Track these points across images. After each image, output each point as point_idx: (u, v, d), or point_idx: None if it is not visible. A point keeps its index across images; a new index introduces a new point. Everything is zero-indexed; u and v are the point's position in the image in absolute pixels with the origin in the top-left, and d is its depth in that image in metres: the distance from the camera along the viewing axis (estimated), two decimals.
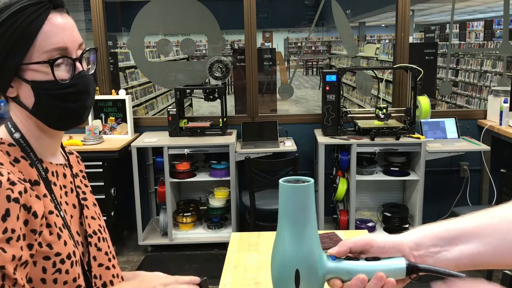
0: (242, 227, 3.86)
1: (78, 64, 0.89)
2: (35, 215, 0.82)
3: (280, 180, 0.72)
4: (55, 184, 0.92)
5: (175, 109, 3.70)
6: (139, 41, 4.01)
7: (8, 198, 0.77)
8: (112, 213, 3.61)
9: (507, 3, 3.96)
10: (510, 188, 3.03)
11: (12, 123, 0.89)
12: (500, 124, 3.64)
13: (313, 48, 23.42)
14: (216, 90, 3.73)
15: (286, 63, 20.14)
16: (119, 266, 1.09)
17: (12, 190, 0.78)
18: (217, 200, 3.80)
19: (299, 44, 24.36)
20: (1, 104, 3.67)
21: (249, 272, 1.64)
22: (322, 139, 3.55)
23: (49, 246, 0.85)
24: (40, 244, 0.83)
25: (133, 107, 5.51)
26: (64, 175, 0.97)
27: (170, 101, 7.33)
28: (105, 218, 3.52)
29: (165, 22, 4.04)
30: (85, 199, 1.02)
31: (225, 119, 3.79)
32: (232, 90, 7.66)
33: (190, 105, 7.04)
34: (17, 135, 0.88)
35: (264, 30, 21.51)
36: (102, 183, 3.51)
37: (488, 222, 0.72)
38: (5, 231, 0.76)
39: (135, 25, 3.97)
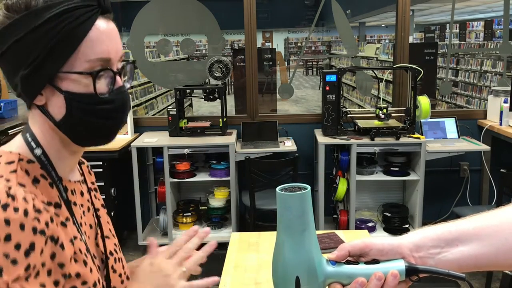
0: (242, 227, 3.86)
1: (118, 78, 0.81)
2: (62, 246, 0.74)
3: (277, 189, 0.72)
4: (75, 204, 0.84)
5: (175, 109, 3.70)
6: (139, 41, 4.01)
7: (34, 230, 0.69)
8: (112, 213, 3.61)
9: (507, 3, 3.95)
10: (510, 188, 3.03)
11: (32, 135, 0.79)
12: (500, 124, 3.64)
13: (313, 48, 23.42)
14: (216, 90, 3.73)
15: (286, 63, 20.15)
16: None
17: (38, 219, 0.69)
18: (217, 200, 3.80)
19: (299, 44, 24.37)
20: (1, 104, 3.67)
21: (249, 272, 1.64)
22: (322, 139, 3.55)
23: (77, 275, 0.77)
24: (66, 276, 0.75)
25: (133, 107, 5.52)
26: (82, 193, 0.88)
27: (170, 101, 7.33)
28: None
29: (165, 22, 4.04)
30: (99, 216, 0.92)
31: (225, 119, 3.79)
32: (232, 90, 7.66)
33: (190, 105, 7.05)
34: (38, 151, 0.78)
35: (264, 30, 21.51)
36: (102, 183, 3.51)
37: (489, 223, 0.72)
38: (27, 268, 0.67)
39: (135, 25, 3.97)
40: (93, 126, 0.79)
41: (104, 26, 0.78)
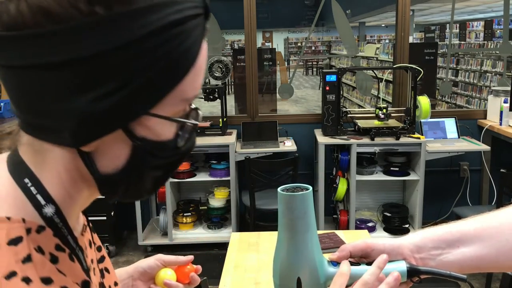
0: (242, 227, 3.86)
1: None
2: None
3: (279, 189, 0.72)
4: (90, 269, 0.62)
5: None
6: None
7: None
8: (112, 213, 3.62)
9: (507, 3, 3.95)
10: (510, 188, 3.03)
11: (37, 184, 0.52)
12: (500, 124, 3.64)
13: (313, 48, 23.42)
14: (216, 90, 3.73)
15: (286, 63, 20.15)
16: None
17: None
18: (217, 200, 3.80)
19: (299, 44, 24.37)
20: (1, 104, 3.66)
21: (249, 272, 1.64)
22: (322, 139, 3.55)
23: None
24: None
25: None
26: (90, 243, 0.64)
27: None
28: (105, 218, 3.55)
29: None
30: (103, 259, 0.69)
31: (225, 119, 3.79)
32: (232, 90, 7.66)
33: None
34: (49, 211, 0.52)
35: (264, 30, 21.51)
36: None
37: (490, 224, 0.72)
38: None
39: None
40: (148, 182, 0.56)
41: (205, 50, 0.53)
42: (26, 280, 0.46)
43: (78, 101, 0.46)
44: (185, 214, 3.81)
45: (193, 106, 0.57)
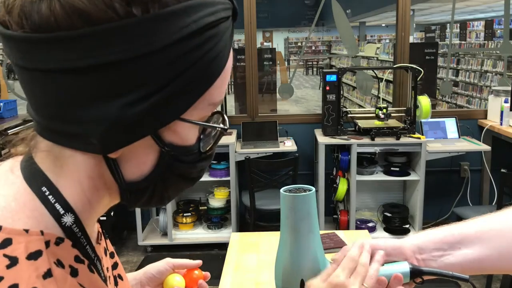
0: (242, 227, 3.85)
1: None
2: None
3: (281, 190, 0.71)
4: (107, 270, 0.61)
5: None
6: None
7: None
8: (112, 213, 3.61)
9: (507, 3, 3.95)
10: (511, 188, 3.02)
11: (56, 193, 0.49)
12: (501, 124, 3.63)
13: (313, 48, 23.43)
14: None
15: (286, 63, 20.15)
16: None
17: None
18: (217, 200, 3.79)
19: (299, 44, 24.38)
20: (1, 104, 3.66)
21: (249, 272, 1.64)
22: (322, 139, 3.54)
23: None
24: None
25: None
26: (105, 251, 0.62)
27: None
28: (104, 218, 3.54)
29: None
30: (116, 265, 0.66)
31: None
32: (232, 90, 7.66)
33: None
34: (69, 220, 0.49)
35: (264, 30, 21.52)
36: None
37: (492, 226, 0.72)
38: None
39: None
40: (172, 190, 0.55)
41: (231, 52, 0.52)
42: None
43: (109, 107, 0.44)
44: (185, 214, 3.80)
45: (216, 110, 0.55)
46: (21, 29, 0.44)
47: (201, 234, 3.82)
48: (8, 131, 3.51)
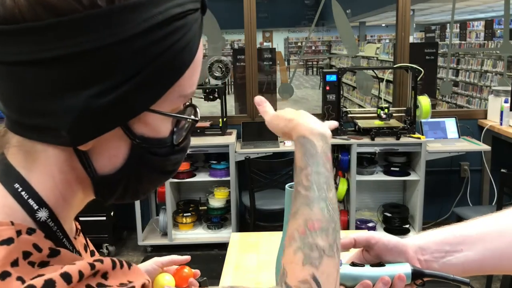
0: (242, 227, 3.85)
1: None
2: None
3: (286, 186, 0.72)
4: None
5: None
6: None
7: None
8: (112, 213, 3.61)
9: (507, 3, 3.95)
10: (511, 188, 3.02)
11: (28, 188, 0.49)
12: (501, 124, 3.63)
13: (313, 48, 23.44)
14: (216, 90, 3.73)
15: (286, 63, 20.15)
16: None
17: None
18: (217, 200, 3.79)
19: (299, 44, 24.38)
20: None
21: (249, 272, 1.64)
22: None
23: None
24: None
25: None
26: (85, 247, 0.62)
27: None
28: (104, 218, 3.55)
29: None
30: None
31: (225, 119, 3.78)
32: (232, 90, 7.65)
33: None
34: (43, 215, 0.49)
35: (264, 30, 21.53)
36: None
37: (493, 227, 0.72)
38: None
39: None
40: (147, 183, 0.55)
41: (201, 45, 0.52)
42: (21, 279, 0.43)
43: (77, 98, 0.44)
44: (185, 214, 3.80)
45: (188, 103, 0.56)
46: None
47: (201, 234, 3.82)
48: None
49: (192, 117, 0.55)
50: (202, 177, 3.70)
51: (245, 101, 4.05)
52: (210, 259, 3.57)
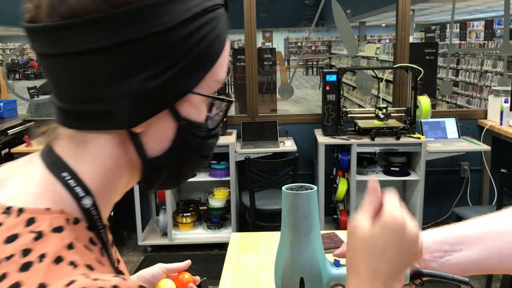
0: (242, 227, 3.85)
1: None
2: None
3: (283, 188, 0.72)
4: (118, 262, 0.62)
5: None
6: None
7: None
8: (112, 213, 3.59)
9: (507, 3, 3.95)
10: (511, 188, 3.02)
11: (73, 175, 0.52)
12: (501, 124, 3.63)
13: (313, 48, 23.44)
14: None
15: (286, 63, 20.14)
16: None
17: None
18: (217, 200, 3.79)
19: (299, 44, 24.38)
20: (0, 104, 3.66)
21: (249, 272, 1.64)
22: (322, 139, 3.54)
23: None
24: None
25: None
26: (112, 242, 0.65)
27: None
28: None
29: None
30: (118, 261, 0.66)
31: (225, 119, 3.77)
32: (232, 90, 7.66)
33: None
34: (88, 202, 0.52)
35: (264, 30, 21.51)
36: None
37: (492, 227, 0.72)
38: None
39: None
40: (189, 166, 0.60)
41: (228, 39, 0.58)
42: (73, 264, 0.46)
43: (133, 82, 0.50)
44: (185, 214, 3.80)
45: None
46: (51, 19, 0.48)
47: (201, 234, 3.82)
48: (8, 131, 3.51)
49: (229, 98, 0.60)
50: (202, 177, 3.71)
51: (245, 101, 4.05)
52: (210, 259, 3.57)
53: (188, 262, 0.95)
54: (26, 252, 0.45)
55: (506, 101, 3.58)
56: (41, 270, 0.44)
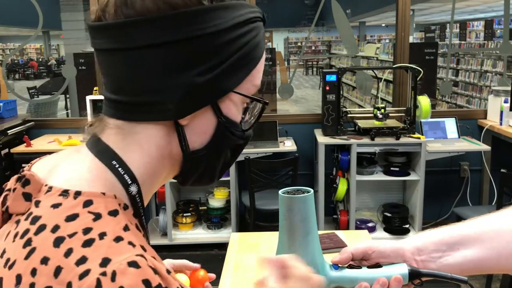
0: (242, 227, 3.85)
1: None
2: None
3: (280, 192, 0.72)
4: None
5: None
6: None
7: None
8: None
9: (507, 3, 3.95)
10: (511, 188, 3.02)
11: (121, 163, 0.56)
12: (501, 124, 3.63)
13: (313, 48, 23.43)
14: None
15: (286, 63, 20.14)
16: None
17: None
18: (216, 200, 3.79)
19: (299, 44, 24.38)
20: (0, 104, 3.66)
21: (249, 272, 1.64)
22: (322, 139, 3.54)
23: None
24: None
25: None
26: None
27: None
28: None
29: None
30: None
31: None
32: None
33: None
34: (134, 189, 0.57)
35: (264, 30, 21.47)
36: None
37: (491, 227, 0.72)
38: None
39: None
40: (223, 163, 0.64)
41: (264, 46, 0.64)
42: (131, 244, 0.50)
43: (184, 76, 0.55)
44: (184, 215, 3.80)
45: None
46: (117, 17, 0.55)
47: (201, 234, 3.82)
48: (8, 131, 3.51)
49: (264, 99, 0.64)
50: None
51: None
52: (210, 259, 3.57)
53: (197, 265, 0.97)
54: (87, 230, 0.49)
55: (506, 101, 3.58)
56: (103, 246, 0.48)
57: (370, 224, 3.71)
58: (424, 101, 3.50)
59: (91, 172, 0.55)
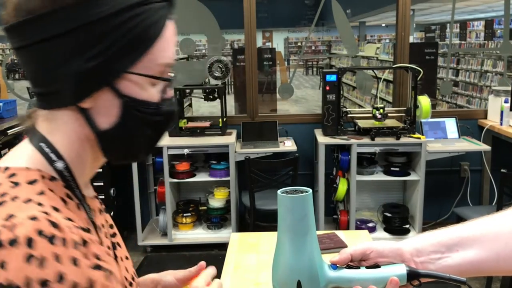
0: (242, 227, 3.85)
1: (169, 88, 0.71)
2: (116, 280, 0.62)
3: (278, 191, 0.72)
4: (100, 228, 0.71)
5: None
6: None
7: (93, 265, 0.57)
8: (112, 213, 3.61)
9: (507, 3, 3.94)
10: (511, 188, 3.02)
11: (49, 145, 0.64)
12: (501, 124, 3.63)
13: (313, 48, 23.42)
14: (216, 90, 3.72)
15: (286, 63, 20.14)
16: None
17: (90, 251, 0.58)
18: (216, 200, 3.79)
19: (299, 44, 24.37)
20: (0, 104, 3.66)
21: (248, 272, 1.64)
22: (322, 139, 3.54)
23: None
24: None
25: None
26: (100, 211, 0.75)
27: None
28: None
29: None
30: (114, 234, 0.79)
31: (225, 119, 3.78)
32: (232, 90, 7.65)
33: (190, 105, 7.03)
34: (60, 165, 0.64)
35: (264, 30, 21.52)
36: (102, 183, 3.50)
37: (489, 228, 0.71)
38: None
39: None
40: (141, 139, 0.68)
41: (172, 28, 0.68)
42: (39, 204, 0.58)
43: (74, 64, 0.60)
44: (184, 215, 3.80)
45: (171, 74, 0.71)
46: (17, 19, 0.61)
47: (201, 234, 3.82)
48: (8, 131, 3.50)
49: (165, 76, 0.68)
50: (202, 177, 3.70)
51: (245, 101, 4.04)
52: (210, 259, 3.54)
53: (200, 265, 0.98)
54: (3, 195, 0.58)
55: (506, 101, 3.58)
56: (12, 206, 0.56)
57: (370, 224, 3.71)
58: (424, 101, 3.50)
59: (22, 153, 0.65)
